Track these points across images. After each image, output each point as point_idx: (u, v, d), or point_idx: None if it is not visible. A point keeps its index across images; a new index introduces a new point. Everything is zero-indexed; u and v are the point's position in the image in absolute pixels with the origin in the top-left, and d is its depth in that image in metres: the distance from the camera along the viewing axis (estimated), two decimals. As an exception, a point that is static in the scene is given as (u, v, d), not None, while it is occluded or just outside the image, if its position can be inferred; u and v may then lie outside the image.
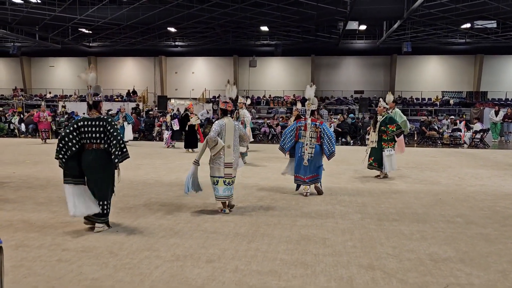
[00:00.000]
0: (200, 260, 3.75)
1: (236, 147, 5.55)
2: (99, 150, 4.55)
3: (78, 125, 4.56)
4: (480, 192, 7.07)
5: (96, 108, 4.68)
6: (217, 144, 5.30)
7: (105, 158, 4.57)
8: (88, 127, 4.54)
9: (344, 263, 3.73)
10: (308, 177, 6.59)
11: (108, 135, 4.55)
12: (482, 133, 16.50)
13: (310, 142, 6.58)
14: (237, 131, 5.56)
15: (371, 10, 19.52)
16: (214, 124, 5.46)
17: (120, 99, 27.79)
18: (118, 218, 5.14)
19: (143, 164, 10.24)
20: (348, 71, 29.72)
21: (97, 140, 4.54)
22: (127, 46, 28.55)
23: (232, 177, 5.46)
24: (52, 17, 21.39)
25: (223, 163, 5.38)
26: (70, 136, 4.51)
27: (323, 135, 6.64)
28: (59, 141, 4.54)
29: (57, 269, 3.51)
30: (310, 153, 6.57)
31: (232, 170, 5.44)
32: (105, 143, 4.56)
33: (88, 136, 4.53)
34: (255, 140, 17.08)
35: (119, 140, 4.56)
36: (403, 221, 5.15)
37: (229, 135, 5.43)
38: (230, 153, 5.42)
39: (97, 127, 4.54)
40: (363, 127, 16.92)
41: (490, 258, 3.90)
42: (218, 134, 5.35)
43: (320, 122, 6.72)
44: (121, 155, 4.58)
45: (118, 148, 4.53)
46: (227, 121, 5.49)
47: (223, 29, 25.40)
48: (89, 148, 4.55)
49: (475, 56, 27.86)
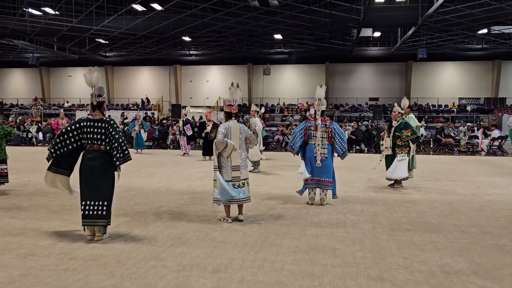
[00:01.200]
0: (206, 270, 3.72)
1: (242, 149, 5.52)
2: (99, 151, 4.56)
3: (80, 124, 4.57)
4: (497, 201, 6.89)
5: (100, 109, 4.68)
6: (227, 146, 5.28)
7: (104, 159, 4.56)
8: (90, 127, 4.55)
9: (353, 275, 3.65)
10: (322, 180, 6.45)
11: (110, 137, 4.54)
12: (501, 140, 16.13)
13: (322, 142, 6.50)
14: (242, 133, 5.54)
15: (385, 17, 19.39)
16: (219, 127, 5.44)
17: (135, 108, 28.16)
18: (128, 226, 5.16)
19: (156, 172, 10.30)
20: (362, 78, 29.56)
21: (98, 141, 4.55)
22: (142, 55, 29.00)
23: (240, 179, 5.39)
24: (70, 28, 21.86)
25: (230, 167, 5.35)
26: (70, 134, 4.54)
27: (334, 135, 6.53)
28: (57, 137, 4.58)
29: (64, 278, 3.53)
30: (323, 154, 6.49)
31: (239, 173, 5.39)
32: (106, 144, 4.56)
33: (89, 136, 4.54)
34: (268, 147, 17.06)
35: (121, 142, 4.55)
36: (415, 231, 5.04)
37: (235, 138, 5.41)
38: (237, 156, 5.39)
39: (99, 128, 4.54)
40: (378, 135, 16.73)
41: (505, 270, 3.77)
42: (224, 136, 5.33)
43: (330, 122, 6.64)
44: (123, 157, 4.57)
45: (120, 150, 4.52)
46: (232, 123, 5.47)
47: (236, 38, 25.57)
48: (89, 148, 4.56)
49: (492, 62, 27.40)
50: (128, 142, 19.17)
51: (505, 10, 17.93)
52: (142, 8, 20.31)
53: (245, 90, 30.32)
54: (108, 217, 4.60)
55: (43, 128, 20.84)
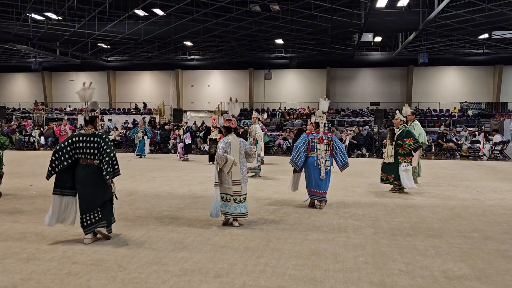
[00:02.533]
0: (208, 275, 3.72)
1: (242, 163, 5.51)
2: (92, 166, 4.61)
3: (73, 140, 4.64)
4: (499, 206, 6.87)
5: (93, 123, 4.75)
6: (227, 161, 5.28)
7: (98, 174, 4.61)
8: (83, 142, 4.61)
9: (355, 280, 3.64)
10: (323, 192, 6.52)
11: (102, 151, 4.60)
12: (502, 145, 16.11)
13: (325, 155, 6.53)
14: (242, 148, 5.53)
15: (386, 22, 19.45)
16: (219, 142, 5.45)
17: (136, 112, 28.21)
18: (130, 231, 5.16)
19: (157, 176, 10.31)
20: (364, 83, 29.59)
21: (91, 156, 4.60)
22: (144, 60, 29.10)
23: (241, 194, 5.40)
24: (72, 33, 21.95)
25: (231, 182, 5.36)
26: (64, 151, 4.60)
27: (335, 148, 6.64)
28: (53, 154, 4.64)
29: (66, 283, 3.53)
30: (327, 166, 6.54)
31: (240, 187, 5.40)
32: (99, 159, 4.62)
33: (82, 151, 4.60)
34: (269, 152, 17.07)
35: (112, 156, 4.61)
36: (417, 236, 5.03)
37: (234, 152, 5.41)
38: (237, 171, 5.39)
39: (92, 142, 4.60)
40: (379, 139, 16.72)
41: (507, 276, 3.76)
42: (224, 151, 5.33)
43: (331, 135, 6.69)
44: (112, 171, 4.62)
45: (110, 165, 4.58)
46: (232, 138, 5.47)
47: (238, 43, 25.64)
48: (83, 163, 4.62)
49: (494, 67, 27.43)
50: (130, 147, 19.20)
51: (506, 15, 17.96)
52: (144, 13, 20.40)
53: (246, 94, 30.37)
54: (104, 218, 4.67)
55: (45, 132, 20.89)
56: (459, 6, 17.93)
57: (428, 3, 17.80)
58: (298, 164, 6.55)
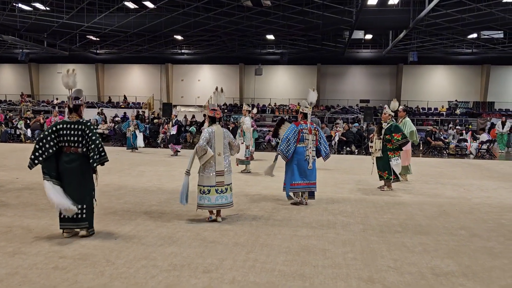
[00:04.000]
0: (197, 270, 3.70)
1: (226, 154, 5.49)
2: (77, 153, 4.54)
3: (57, 127, 4.55)
4: (485, 204, 6.97)
5: (77, 111, 4.66)
6: (206, 153, 5.25)
7: (82, 162, 4.56)
8: (67, 130, 4.53)
9: (344, 276, 3.66)
10: (312, 183, 6.52)
11: (87, 138, 4.53)
12: (489, 144, 16.34)
13: (312, 145, 6.55)
14: (226, 138, 5.50)
15: (376, 20, 19.52)
16: (203, 132, 5.43)
17: (126, 106, 27.97)
18: (118, 225, 5.12)
19: (146, 171, 10.23)
20: (354, 80, 29.72)
21: (75, 144, 4.53)
22: (133, 53, 28.82)
23: (224, 184, 5.37)
24: (60, 24, 21.63)
25: (214, 172, 5.32)
26: (48, 138, 4.50)
27: (319, 138, 6.69)
28: (36, 143, 4.53)
29: (53, 277, 3.48)
30: (314, 156, 6.57)
31: (223, 178, 5.37)
32: (83, 146, 4.55)
33: (66, 139, 4.52)
34: (259, 148, 17.06)
35: (98, 144, 4.54)
36: (405, 233, 5.07)
37: (218, 143, 5.38)
38: (221, 161, 5.36)
39: (76, 130, 4.53)
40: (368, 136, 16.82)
41: (493, 272, 3.82)
42: (207, 142, 5.30)
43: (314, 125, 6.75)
44: (99, 158, 4.55)
45: (97, 151, 4.52)
46: (216, 128, 5.44)
47: (229, 37, 25.53)
48: (67, 151, 4.54)
49: (481, 66, 27.75)
50: (118, 140, 19.03)
51: (494, 15, 18.18)
52: (134, 5, 20.19)
53: (237, 90, 30.28)
54: (87, 219, 4.57)
55: (31, 124, 20.59)
56: (449, 6, 18.09)
57: (418, 2, 17.90)
58: (287, 155, 6.43)
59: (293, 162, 6.49)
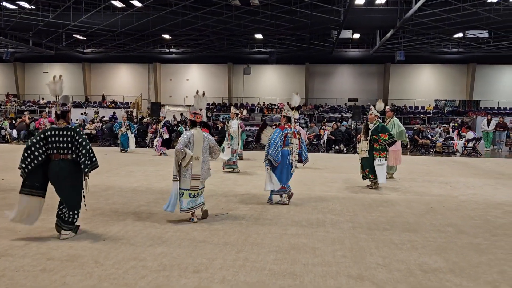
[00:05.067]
0: (187, 270, 3.69)
1: (205, 159, 5.42)
2: (66, 160, 4.50)
3: (45, 134, 4.50)
4: (471, 201, 7.07)
5: (64, 118, 4.61)
6: (185, 155, 5.22)
7: (72, 168, 4.52)
8: (56, 137, 4.48)
9: (333, 274, 3.68)
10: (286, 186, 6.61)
11: (77, 144, 4.50)
12: (475, 142, 16.57)
13: (296, 149, 6.60)
14: (206, 143, 5.44)
15: (364, 19, 19.67)
16: (182, 136, 5.39)
17: (113, 106, 27.73)
18: (106, 226, 5.07)
19: (135, 171, 10.16)
20: (342, 79, 29.90)
21: (64, 151, 4.49)
22: (121, 52, 28.57)
23: (198, 189, 5.34)
24: (46, 23, 21.34)
25: (190, 175, 5.29)
26: (37, 146, 4.45)
27: (301, 142, 6.77)
28: (25, 151, 4.47)
29: (40, 279, 3.44)
30: (296, 160, 6.65)
31: (199, 182, 5.33)
32: (73, 153, 4.52)
33: (55, 146, 4.47)
34: (248, 147, 17.05)
35: (89, 149, 4.53)
36: (394, 231, 5.12)
37: (197, 147, 5.32)
38: (197, 165, 5.30)
39: (65, 137, 4.49)
40: (356, 135, 16.94)
41: (480, 268, 3.88)
42: (186, 145, 5.25)
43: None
44: (90, 164, 4.54)
45: (88, 157, 4.49)
46: (196, 132, 5.39)
47: (217, 37, 25.48)
48: (56, 158, 4.50)
49: (467, 66, 28.14)
50: (106, 141, 18.85)
51: (480, 15, 18.45)
52: (122, 4, 20.01)
53: (225, 89, 30.24)
54: (72, 223, 4.60)
55: (17, 125, 20.28)
56: (435, 5, 18.30)
57: (405, 2, 18.09)
58: (277, 159, 6.44)
59: (280, 165, 6.48)
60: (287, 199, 6.62)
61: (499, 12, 18.33)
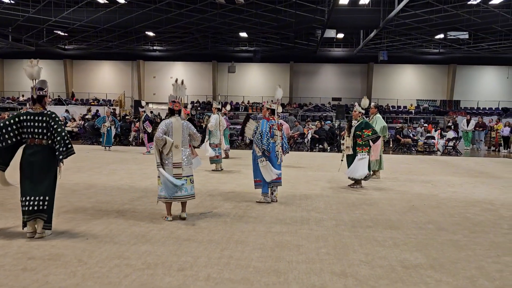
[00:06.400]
0: (171, 268, 3.68)
1: (185, 146, 5.43)
2: (41, 145, 4.44)
3: (20, 118, 4.42)
4: (451, 199, 7.22)
5: (41, 102, 4.53)
6: (166, 143, 5.22)
7: (46, 153, 4.45)
8: (31, 121, 4.41)
9: (317, 271, 3.72)
10: (280, 177, 6.61)
11: (52, 131, 4.43)
12: (455, 141, 16.91)
13: (280, 141, 6.64)
14: (185, 130, 5.43)
15: (348, 19, 19.87)
16: (160, 124, 5.39)
17: (96, 103, 27.35)
18: (89, 225, 5.02)
19: (118, 169, 10.06)
20: (326, 78, 30.12)
21: (39, 136, 4.43)
22: (103, 49, 28.18)
23: (182, 176, 5.29)
24: (26, 18, 20.92)
25: (171, 163, 5.28)
26: (9, 128, 4.37)
27: (282, 133, 6.78)
28: None
29: (22, 279, 3.39)
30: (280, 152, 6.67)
31: (180, 170, 5.30)
32: (48, 138, 4.45)
33: (30, 130, 4.41)
34: (233, 146, 17.05)
35: (64, 136, 4.45)
36: (376, 228, 5.20)
37: (176, 135, 5.32)
38: (178, 153, 5.30)
39: (40, 122, 4.42)
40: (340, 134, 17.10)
41: (459, 264, 3.97)
42: (164, 133, 5.25)
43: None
44: (66, 151, 4.47)
45: (63, 144, 4.42)
46: (174, 120, 5.38)
47: (201, 34, 25.37)
48: (31, 143, 4.43)
49: (448, 66, 28.67)
50: (88, 139, 18.59)
51: (460, 16, 18.82)
52: (105, 0, 19.74)
53: (210, 87, 30.14)
54: (48, 212, 4.46)
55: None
56: (417, 6, 18.61)
57: (388, 2, 18.33)
58: (269, 149, 6.41)
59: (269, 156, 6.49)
60: (276, 197, 6.63)
61: (478, 14, 18.75)
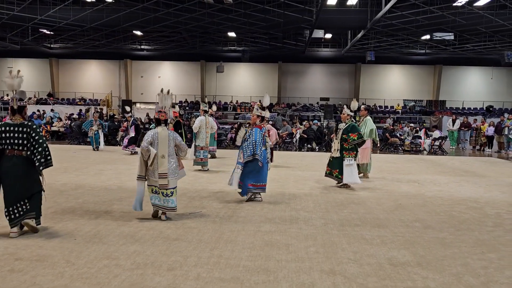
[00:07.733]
0: (161, 268, 3.68)
1: (171, 156, 5.38)
2: (20, 157, 4.41)
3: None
4: (437, 198, 7.33)
5: (21, 113, 4.52)
6: (150, 153, 5.19)
7: (26, 165, 4.43)
8: (10, 132, 4.38)
9: (306, 269, 3.76)
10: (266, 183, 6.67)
11: (32, 141, 4.41)
12: (441, 141, 17.15)
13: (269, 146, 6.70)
14: (171, 141, 5.38)
15: (336, 19, 20.00)
16: (146, 134, 5.37)
17: (82, 103, 27.06)
18: (78, 225, 4.98)
19: (106, 169, 9.98)
20: (314, 78, 30.26)
21: (19, 147, 4.40)
22: (90, 48, 27.88)
23: (168, 188, 5.26)
24: (11, 17, 20.59)
25: (157, 174, 5.26)
26: None
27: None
28: None
29: (9, 280, 3.35)
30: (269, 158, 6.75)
31: (166, 181, 5.26)
32: (28, 150, 4.42)
33: (9, 142, 4.37)
34: (221, 146, 17.04)
35: (45, 147, 4.46)
36: (364, 227, 5.26)
37: (162, 145, 5.28)
38: (163, 163, 5.26)
39: (20, 133, 4.39)
40: (328, 134, 17.21)
41: (445, 261, 4.04)
42: (150, 144, 5.22)
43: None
44: (45, 162, 4.48)
45: (43, 155, 4.43)
46: (160, 130, 5.35)
47: (190, 34, 25.28)
48: (9, 154, 4.39)
49: (434, 67, 29.06)
50: (75, 139, 18.38)
51: (446, 18, 19.09)
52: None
53: (198, 87, 30.04)
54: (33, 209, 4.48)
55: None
56: (404, 7, 18.81)
57: (375, 3, 18.50)
58: (263, 160, 6.46)
59: (256, 165, 6.45)
60: (261, 197, 6.68)
61: (464, 15, 19.04)
